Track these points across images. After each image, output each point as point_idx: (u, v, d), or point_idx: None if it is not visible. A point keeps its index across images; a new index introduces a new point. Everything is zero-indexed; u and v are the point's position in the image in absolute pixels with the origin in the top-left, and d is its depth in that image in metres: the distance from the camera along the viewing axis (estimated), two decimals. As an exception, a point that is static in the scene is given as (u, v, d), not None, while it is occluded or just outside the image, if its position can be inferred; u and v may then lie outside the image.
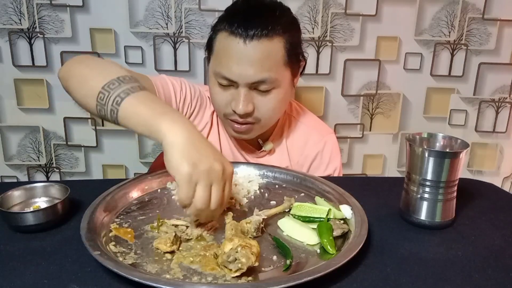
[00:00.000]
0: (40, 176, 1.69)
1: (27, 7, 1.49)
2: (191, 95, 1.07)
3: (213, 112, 1.12)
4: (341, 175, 1.18)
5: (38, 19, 1.50)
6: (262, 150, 1.11)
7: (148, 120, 0.70)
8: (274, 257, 0.68)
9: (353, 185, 0.89)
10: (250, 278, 0.62)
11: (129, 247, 0.70)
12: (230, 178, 0.71)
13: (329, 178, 0.97)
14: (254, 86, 0.96)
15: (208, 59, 1.04)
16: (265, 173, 0.98)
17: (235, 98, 0.97)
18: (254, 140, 1.11)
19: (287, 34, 0.96)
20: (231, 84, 0.96)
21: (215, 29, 0.99)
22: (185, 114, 1.07)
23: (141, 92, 0.75)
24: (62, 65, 1.53)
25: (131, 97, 0.73)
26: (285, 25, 0.96)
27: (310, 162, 1.13)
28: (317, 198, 0.86)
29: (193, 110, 1.09)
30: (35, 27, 1.51)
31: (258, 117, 0.99)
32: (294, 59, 1.00)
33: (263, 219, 0.76)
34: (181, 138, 0.67)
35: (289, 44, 0.96)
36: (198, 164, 0.65)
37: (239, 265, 0.61)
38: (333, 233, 0.73)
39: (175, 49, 1.56)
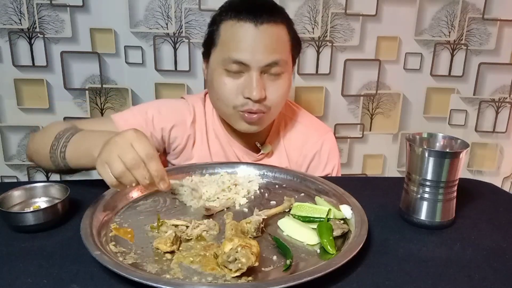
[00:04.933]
0: (40, 176, 1.69)
1: (27, 7, 1.49)
2: (160, 120, 1.05)
3: (193, 121, 1.08)
4: (340, 174, 1.18)
5: (38, 19, 1.50)
6: (260, 153, 1.10)
7: (85, 157, 0.82)
8: (274, 257, 0.68)
9: (353, 185, 0.89)
10: (250, 278, 0.62)
11: (129, 247, 0.70)
12: (136, 137, 0.73)
13: (329, 178, 0.97)
14: (265, 70, 0.96)
15: (207, 54, 1.02)
16: (265, 173, 0.98)
17: (247, 85, 0.95)
18: (251, 143, 1.10)
19: (288, 23, 1.00)
20: (242, 70, 0.95)
21: (216, 22, 0.99)
22: (162, 137, 1.06)
23: (73, 139, 0.87)
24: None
25: (69, 146, 0.86)
26: (285, 15, 1.00)
27: (309, 162, 1.13)
28: (317, 198, 0.86)
29: (170, 131, 1.07)
30: (35, 27, 1.51)
31: (268, 105, 0.98)
32: (296, 47, 1.03)
33: (263, 219, 0.76)
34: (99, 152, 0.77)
35: (291, 31, 1.00)
36: (102, 150, 0.74)
37: (239, 265, 0.61)
38: (333, 233, 0.73)
39: (175, 49, 1.56)
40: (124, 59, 1.56)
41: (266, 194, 0.91)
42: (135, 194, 0.88)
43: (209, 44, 1.01)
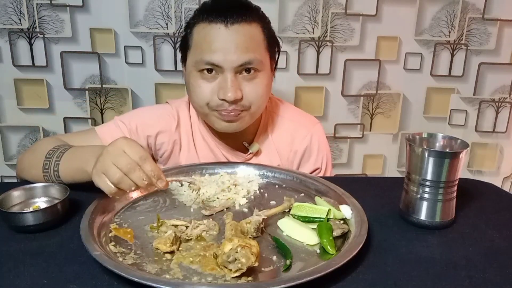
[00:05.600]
0: (40, 176, 1.69)
1: (27, 7, 1.49)
2: (144, 128, 1.06)
3: (177, 126, 1.08)
4: (331, 164, 1.18)
5: (38, 19, 1.50)
6: (249, 153, 1.09)
7: (79, 173, 0.84)
8: (274, 257, 0.68)
9: (353, 185, 0.89)
10: (250, 278, 0.62)
11: (129, 247, 0.70)
12: (127, 144, 0.75)
13: (329, 178, 0.97)
14: (239, 70, 0.95)
15: (183, 58, 1.02)
16: (265, 173, 0.98)
17: (222, 86, 0.94)
18: (239, 143, 1.09)
19: (263, 22, 0.99)
20: (215, 72, 0.95)
21: (190, 25, 0.99)
22: (148, 145, 1.07)
23: (64, 157, 0.89)
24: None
25: (61, 164, 0.88)
26: (259, 15, 0.99)
27: (300, 157, 1.12)
28: (317, 198, 0.86)
29: (156, 138, 1.07)
30: (35, 27, 1.51)
31: (247, 104, 0.97)
32: (273, 46, 1.02)
33: (263, 219, 0.76)
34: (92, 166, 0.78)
35: (267, 30, 0.99)
36: (96, 162, 0.76)
37: (239, 265, 0.61)
38: (333, 233, 0.73)
39: (175, 49, 1.56)
40: (124, 59, 1.56)
41: (266, 194, 0.91)
42: (134, 194, 0.87)
43: (184, 48, 1.01)
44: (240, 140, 1.08)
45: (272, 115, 1.14)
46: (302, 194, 0.91)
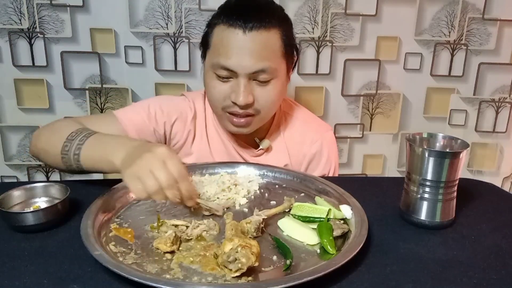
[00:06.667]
0: (40, 176, 1.69)
1: (27, 7, 1.49)
2: (162, 115, 1.06)
3: (193, 117, 1.09)
4: (337, 172, 1.18)
5: (38, 19, 1.50)
6: (259, 148, 1.10)
7: (102, 161, 0.83)
8: (274, 257, 0.68)
9: (353, 185, 0.89)
10: (250, 278, 0.62)
11: (129, 247, 0.70)
12: (169, 156, 0.75)
13: (329, 178, 0.97)
14: (253, 77, 0.96)
15: (203, 55, 1.04)
16: (265, 173, 0.98)
17: (234, 90, 0.96)
18: (251, 139, 1.10)
19: (283, 27, 0.98)
20: (230, 75, 0.96)
21: (211, 24, 0.99)
22: (164, 133, 1.07)
23: (87, 142, 0.86)
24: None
25: (83, 149, 0.86)
26: (280, 19, 0.99)
27: (308, 161, 1.13)
28: (317, 198, 0.87)
29: (172, 125, 1.07)
30: (35, 27, 1.51)
31: (258, 108, 0.99)
32: (290, 51, 1.02)
33: (263, 219, 0.76)
34: (121, 160, 0.78)
35: (285, 36, 0.99)
36: (132, 163, 0.75)
37: (239, 265, 0.61)
38: (333, 233, 0.73)
39: (175, 49, 1.56)
40: (124, 59, 1.56)
41: (266, 194, 0.91)
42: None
43: (204, 46, 1.02)
44: (253, 136, 1.10)
45: (285, 115, 1.15)
46: (302, 194, 0.91)
